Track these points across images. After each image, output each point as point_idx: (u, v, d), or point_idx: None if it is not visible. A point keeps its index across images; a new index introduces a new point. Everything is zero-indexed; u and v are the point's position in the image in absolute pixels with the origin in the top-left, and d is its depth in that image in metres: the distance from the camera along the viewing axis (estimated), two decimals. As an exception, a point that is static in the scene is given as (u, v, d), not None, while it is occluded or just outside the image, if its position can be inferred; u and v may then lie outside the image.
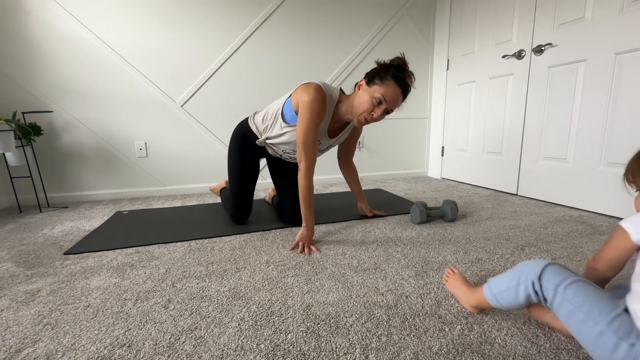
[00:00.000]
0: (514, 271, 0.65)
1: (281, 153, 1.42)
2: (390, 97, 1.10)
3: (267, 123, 1.33)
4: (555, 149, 1.78)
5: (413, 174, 2.86)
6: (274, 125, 1.30)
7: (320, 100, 1.12)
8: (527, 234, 1.30)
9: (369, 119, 1.14)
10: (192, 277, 0.98)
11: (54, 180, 2.08)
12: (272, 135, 1.33)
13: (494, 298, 0.68)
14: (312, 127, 1.13)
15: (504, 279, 0.66)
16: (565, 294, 0.55)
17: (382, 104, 1.10)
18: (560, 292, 0.55)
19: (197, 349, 0.66)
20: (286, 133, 1.28)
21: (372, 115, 1.13)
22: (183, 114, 2.21)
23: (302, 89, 1.16)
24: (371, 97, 1.10)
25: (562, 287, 0.55)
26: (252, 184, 1.47)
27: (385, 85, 1.09)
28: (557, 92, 1.74)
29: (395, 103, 1.13)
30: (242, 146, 1.44)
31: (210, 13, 2.15)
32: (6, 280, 0.98)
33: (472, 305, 0.76)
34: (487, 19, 2.15)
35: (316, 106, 1.11)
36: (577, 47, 1.63)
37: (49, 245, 1.29)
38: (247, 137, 1.43)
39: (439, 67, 2.64)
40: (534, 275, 0.59)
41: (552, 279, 0.57)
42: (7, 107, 1.91)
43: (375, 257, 1.10)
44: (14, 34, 1.88)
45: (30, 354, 0.65)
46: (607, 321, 0.50)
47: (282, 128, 1.27)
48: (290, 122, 1.25)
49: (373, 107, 1.11)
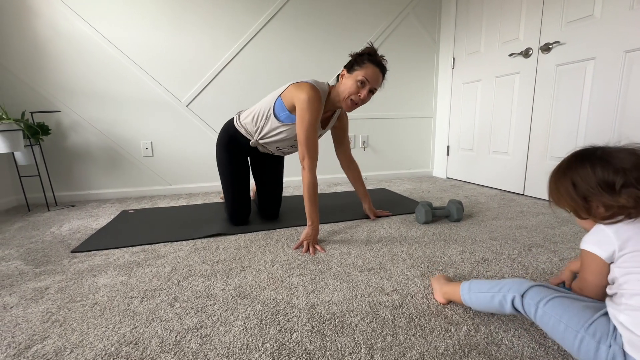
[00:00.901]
0: (499, 281, 0.68)
1: (273, 150, 1.44)
2: (371, 76, 1.19)
3: (259, 125, 1.35)
4: (563, 148, 1.76)
5: (418, 173, 2.84)
6: (266, 125, 1.33)
7: (317, 98, 1.19)
8: (534, 235, 1.29)
9: (356, 100, 1.21)
10: (198, 275, 0.98)
11: (62, 179, 2.10)
12: (265, 134, 1.35)
13: (468, 293, 0.71)
14: (313, 125, 1.18)
15: (485, 283, 0.70)
16: (545, 308, 0.57)
17: (366, 84, 1.19)
18: (541, 307, 0.57)
19: (203, 347, 0.66)
20: (282, 132, 1.32)
21: (359, 96, 1.20)
22: (188, 114, 2.23)
23: (296, 89, 1.22)
24: (355, 81, 1.19)
25: (542, 302, 0.58)
26: (246, 184, 1.49)
27: (365, 68, 1.19)
28: (565, 90, 1.72)
29: (377, 81, 1.22)
30: (229, 148, 1.45)
31: (216, 12, 2.15)
32: (15, 277, 1.00)
33: (442, 293, 0.80)
34: (494, 17, 2.13)
35: (315, 103, 1.18)
36: (586, 45, 1.60)
37: (56, 243, 1.31)
38: (234, 139, 1.44)
39: (444, 66, 2.62)
40: (518, 292, 0.61)
41: (535, 297, 0.59)
42: (16, 107, 1.93)
43: (380, 256, 1.10)
44: (24, 36, 1.90)
45: (39, 351, 0.66)
46: (585, 327, 0.52)
47: (278, 127, 1.31)
48: (286, 121, 1.29)
49: (358, 89, 1.20)
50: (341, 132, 1.50)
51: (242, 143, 1.44)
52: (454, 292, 0.76)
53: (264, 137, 1.37)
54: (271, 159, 1.57)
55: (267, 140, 1.38)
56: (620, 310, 0.51)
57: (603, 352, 0.50)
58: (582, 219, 0.61)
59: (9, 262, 1.11)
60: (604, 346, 0.50)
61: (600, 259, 0.56)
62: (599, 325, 0.52)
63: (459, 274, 0.96)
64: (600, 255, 0.56)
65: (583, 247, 0.60)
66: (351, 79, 1.20)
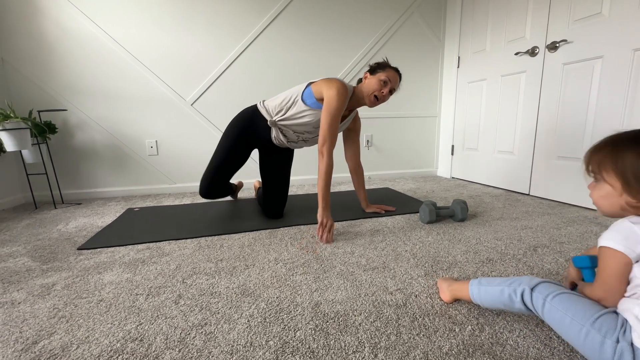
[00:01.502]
0: (509, 278, 0.68)
1: (290, 135, 1.47)
2: (392, 77, 1.36)
3: (285, 106, 1.43)
4: (570, 148, 1.74)
5: (422, 172, 2.83)
6: (292, 108, 1.41)
7: (345, 92, 1.33)
8: (540, 235, 1.28)
9: (379, 95, 1.36)
10: (202, 273, 0.99)
11: (68, 177, 2.12)
12: (289, 116, 1.42)
13: (478, 287, 0.71)
14: (338, 114, 1.31)
15: (497, 279, 0.70)
16: (552, 302, 0.57)
17: (388, 83, 1.35)
18: (549, 301, 0.58)
19: (207, 344, 0.66)
20: (307, 115, 1.40)
21: (382, 93, 1.35)
22: (193, 113, 2.24)
23: (327, 82, 1.35)
24: (378, 80, 1.35)
25: (550, 296, 0.58)
26: (233, 169, 1.55)
27: (386, 71, 1.37)
28: (572, 89, 1.70)
29: (396, 82, 1.38)
30: (241, 130, 1.51)
31: (221, 11, 2.16)
32: (23, 274, 1.01)
33: (450, 291, 0.79)
34: (500, 16, 2.11)
35: (343, 96, 1.31)
36: (594, 43, 1.59)
37: (63, 240, 1.32)
38: (251, 121, 1.50)
39: (449, 65, 2.60)
40: (528, 285, 0.62)
41: (544, 291, 0.59)
42: (23, 106, 1.96)
43: (384, 256, 1.10)
44: (31, 35, 1.92)
45: (46, 346, 0.67)
46: (590, 321, 0.52)
47: (304, 111, 1.40)
48: (312, 107, 1.39)
49: (381, 87, 1.35)
50: (354, 134, 1.58)
51: (258, 127, 1.49)
52: (462, 290, 0.76)
53: (287, 119, 1.43)
54: (280, 155, 1.58)
55: (288, 122, 1.43)
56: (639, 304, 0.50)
57: (608, 346, 0.50)
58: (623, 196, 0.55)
59: (16, 259, 1.13)
60: (609, 341, 0.50)
61: (628, 260, 0.52)
62: (605, 320, 0.51)
63: (463, 274, 0.95)
64: (629, 256, 0.52)
65: (609, 245, 0.54)
66: (374, 79, 1.36)
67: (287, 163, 1.60)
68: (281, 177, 1.57)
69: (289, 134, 1.48)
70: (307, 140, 1.52)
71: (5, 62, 1.92)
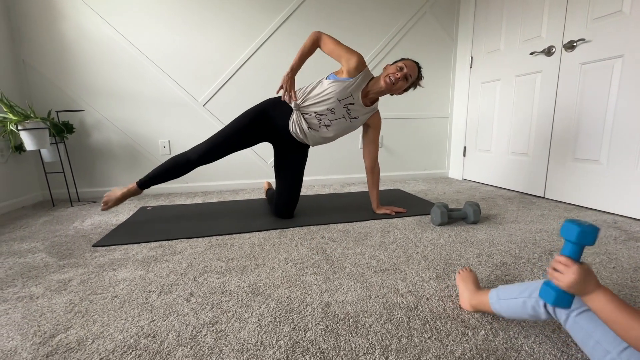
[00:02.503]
0: (528, 284, 0.65)
1: (311, 119, 1.46)
2: (409, 65, 1.42)
3: (308, 89, 1.47)
4: (587, 150, 1.69)
5: (433, 174, 2.80)
6: (316, 88, 1.45)
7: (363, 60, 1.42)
8: (556, 239, 1.24)
9: (393, 78, 1.39)
10: (213, 272, 1.00)
11: (84, 175, 2.18)
12: (313, 95, 1.44)
13: (497, 301, 0.68)
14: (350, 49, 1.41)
15: (515, 288, 0.66)
16: (577, 319, 0.55)
17: (404, 68, 1.41)
18: (572, 316, 0.55)
19: (218, 342, 0.67)
20: (331, 92, 1.41)
21: (396, 76, 1.39)
22: (205, 113, 2.27)
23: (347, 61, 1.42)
24: (395, 66, 1.43)
25: (575, 312, 0.55)
26: (232, 147, 1.50)
27: (404, 60, 1.45)
28: (590, 90, 1.65)
29: (413, 70, 1.43)
30: (259, 113, 1.50)
31: (233, 13, 2.18)
32: (41, 269, 1.04)
33: (471, 303, 0.76)
34: (515, 15, 2.07)
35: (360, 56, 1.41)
36: (614, 42, 1.54)
37: (79, 237, 1.35)
38: (273, 105, 1.51)
39: (461, 65, 2.57)
40: None
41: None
42: (43, 106, 2.02)
43: (395, 257, 1.08)
44: (51, 37, 1.98)
45: (62, 340, 0.68)
46: (618, 350, 0.49)
47: (328, 87, 1.42)
48: (335, 79, 1.43)
49: (396, 70, 1.41)
50: (373, 132, 1.58)
51: (278, 113, 1.49)
52: (482, 303, 0.72)
53: (310, 98, 1.44)
54: (295, 155, 1.57)
55: (312, 102, 1.44)
56: None
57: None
58: None
59: (35, 255, 1.16)
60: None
61: None
62: (633, 352, 0.48)
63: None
64: None
65: None
66: (393, 66, 1.43)
67: (301, 164, 1.59)
68: (295, 178, 1.57)
69: (310, 119, 1.47)
70: (329, 125, 1.47)
71: (27, 64, 1.98)
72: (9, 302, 0.84)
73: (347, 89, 1.40)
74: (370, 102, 1.50)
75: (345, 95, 1.41)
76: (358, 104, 1.45)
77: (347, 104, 1.43)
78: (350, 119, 1.48)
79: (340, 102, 1.42)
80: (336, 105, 1.42)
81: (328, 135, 1.52)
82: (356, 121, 1.50)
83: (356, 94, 1.43)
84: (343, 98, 1.41)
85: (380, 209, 1.61)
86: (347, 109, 1.44)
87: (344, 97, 1.41)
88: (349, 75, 1.40)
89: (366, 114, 1.51)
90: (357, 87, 1.41)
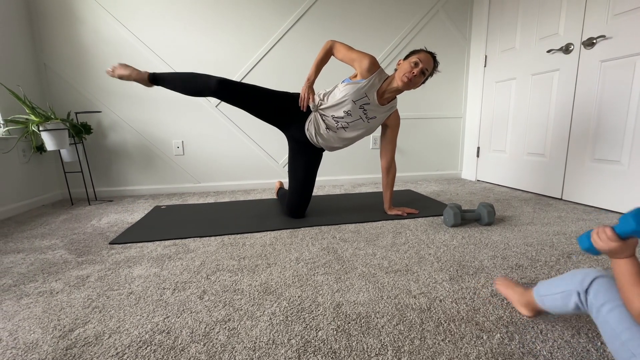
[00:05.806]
0: (563, 277, 0.63)
1: (328, 122, 1.47)
2: (424, 59, 1.37)
3: (326, 93, 1.49)
4: (607, 151, 1.64)
5: (446, 175, 2.76)
6: (332, 93, 1.46)
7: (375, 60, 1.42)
8: (574, 242, 1.21)
9: (409, 76, 1.35)
10: (225, 270, 1.01)
11: (101, 175, 2.24)
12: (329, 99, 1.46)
13: (541, 300, 0.67)
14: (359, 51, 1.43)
15: (552, 283, 0.66)
16: (607, 317, 0.53)
17: (419, 64, 1.36)
18: (603, 313, 0.54)
19: (231, 340, 0.67)
20: (347, 94, 1.41)
21: (412, 73, 1.35)
22: (218, 114, 2.30)
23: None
24: (409, 63, 1.37)
25: (606, 308, 0.54)
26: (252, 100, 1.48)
27: (418, 54, 1.38)
28: (611, 88, 1.60)
29: (429, 64, 1.37)
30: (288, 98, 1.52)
31: (245, 14, 2.21)
32: (60, 265, 1.07)
33: (523, 305, 0.74)
34: (531, 12, 2.02)
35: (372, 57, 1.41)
36: (636, 38, 1.48)
37: (96, 235, 1.39)
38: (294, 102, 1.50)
39: (475, 64, 2.52)
40: (581, 287, 0.58)
41: (599, 297, 0.55)
42: (62, 108, 2.09)
43: (407, 258, 1.07)
44: (70, 40, 2.05)
45: (81, 334, 0.70)
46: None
47: (342, 88, 1.43)
48: (349, 82, 1.44)
49: (412, 68, 1.36)
50: (391, 132, 1.57)
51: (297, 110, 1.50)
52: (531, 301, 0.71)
53: (327, 102, 1.46)
54: (310, 157, 1.57)
55: (328, 105, 1.45)
56: None
57: None
58: None
59: (55, 251, 1.20)
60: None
61: None
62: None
63: (491, 280, 0.92)
64: None
65: None
66: (407, 63, 1.38)
67: (314, 165, 1.60)
68: (307, 178, 1.56)
69: (328, 121, 1.48)
70: (346, 127, 1.48)
71: (47, 67, 2.05)
72: (30, 296, 0.87)
73: (360, 90, 1.39)
74: (387, 101, 1.48)
75: (359, 96, 1.40)
76: (374, 104, 1.44)
77: (363, 105, 1.42)
78: (367, 120, 1.47)
79: (356, 103, 1.41)
80: (352, 106, 1.42)
81: (347, 136, 1.51)
82: (374, 121, 1.49)
83: (371, 94, 1.42)
84: (358, 99, 1.41)
85: (392, 210, 1.60)
86: (364, 110, 1.44)
87: (358, 97, 1.40)
88: (362, 77, 1.41)
89: (384, 112, 1.50)
90: (370, 87, 1.41)
